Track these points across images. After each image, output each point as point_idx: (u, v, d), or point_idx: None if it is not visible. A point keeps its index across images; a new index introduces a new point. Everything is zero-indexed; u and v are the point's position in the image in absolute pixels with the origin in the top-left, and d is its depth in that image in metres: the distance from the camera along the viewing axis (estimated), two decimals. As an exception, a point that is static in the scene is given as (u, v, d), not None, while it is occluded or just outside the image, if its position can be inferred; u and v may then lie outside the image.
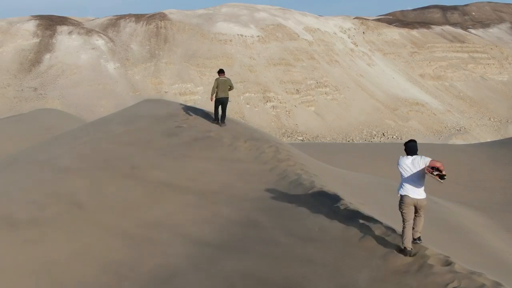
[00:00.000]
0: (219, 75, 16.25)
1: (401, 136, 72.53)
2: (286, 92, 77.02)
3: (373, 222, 8.90)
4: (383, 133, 73.68)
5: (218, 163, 13.46)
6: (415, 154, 8.34)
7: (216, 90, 16.08)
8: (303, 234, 9.25)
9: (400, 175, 8.33)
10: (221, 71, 16.39)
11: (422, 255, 7.76)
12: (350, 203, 9.85)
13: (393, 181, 13.06)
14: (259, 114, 72.78)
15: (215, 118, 16.42)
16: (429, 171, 8.06)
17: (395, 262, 7.76)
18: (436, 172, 7.98)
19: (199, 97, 72.74)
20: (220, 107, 16.19)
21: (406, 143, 8.47)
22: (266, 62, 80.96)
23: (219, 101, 16.13)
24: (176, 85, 76.00)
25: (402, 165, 8.29)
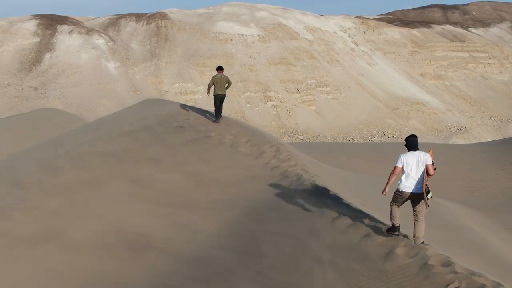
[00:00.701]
0: (218, 72, 16.38)
1: (402, 136, 72.51)
2: (287, 92, 77.03)
3: (375, 223, 8.94)
4: (384, 133, 73.68)
5: (219, 163, 13.50)
6: (417, 149, 8.24)
7: (214, 88, 16.27)
8: (304, 235, 9.28)
9: (402, 171, 8.18)
10: (220, 68, 16.51)
11: (423, 256, 7.78)
12: (351, 204, 9.89)
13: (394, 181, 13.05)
14: (260, 114, 72.79)
15: (216, 115, 16.58)
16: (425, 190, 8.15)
17: (397, 263, 7.80)
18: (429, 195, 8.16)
19: (200, 97, 72.72)
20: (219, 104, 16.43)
21: (408, 138, 8.36)
22: (267, 62, 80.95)
23: (217, 98, 16.34)
24: (177, 85, 75.99)
25: (407, 162, 8.13)
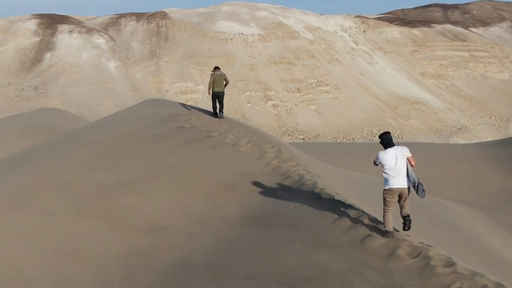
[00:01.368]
0: (215, 71, 17.06)
1: (402, 135, 72.53)
2: (287, 91, 77.00)
3: (376, 223, 8.96)
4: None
5: (220, 164, 13.51)
6: (392, 145, 8.54)
7: (213, 85, 16.83)
8: (306, 235, 9.29)
9: (383, 169, 8.53)
10: (217, 68, 17.22)
11: (425, 256, 7.80)
12: (353, 204, 9.90)
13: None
14: (260, 113, 72.78)
15: (214, 112, 17.20)
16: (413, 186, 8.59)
17: (399, 263, 7.81)
18: (423, 187, 8.58)
19: (200, 96, 72.70)
20: (217, 101, 17.05)
21: (382, 136, 8.68)
22: (267, 61, 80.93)
23: (216, 95, 16.97)
24: (177, 84, 75.97)
25: (386, 159, 8.48)
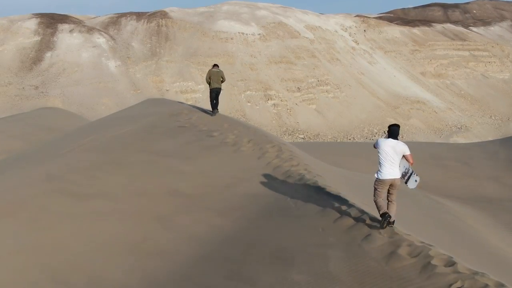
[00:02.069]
0: (213, 67, 17.19)
1: (403, 134, 72.49)
2: (287, 90, 76.99)
3: (377, 222, 8.97)
4: (384, 131, 73.44)
5: (221, 163, 13.52)
6: (396, 139, 8.74)
7: (210, 82, 16.96)
8: (307, 234, 9.30)
9: (378, 157, 8.73)
10: (215, 65, 17.35)
11: (426, 255, 7.79)
12: (354, 204, 9.91)
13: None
14: (260, 112, 72.77)
15: (212, 109, 17.36)
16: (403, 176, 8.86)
17: (399, 263, 7.82)
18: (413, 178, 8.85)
19: (200, 95, 72.68)
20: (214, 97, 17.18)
21: (391, 126, 8.84)
22: (267, 60, 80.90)
23: (213, 92, 17.08)
24: (177, 83, 75.96)
25: (384, 148, 8.66)
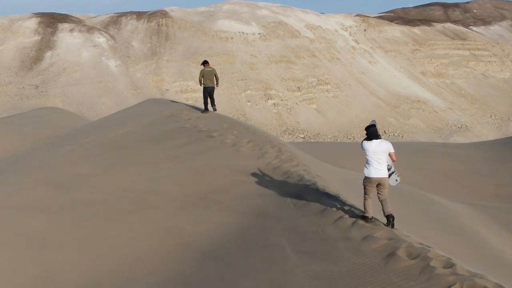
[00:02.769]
0: (204, 66, 17.10)
1: (403, 134, 72.53)
2: (287, 90, 76.98)
3: (377, 223, 8.97)
4: (385, 131, 73.64)
5: (221, 164, 13.52)
6: (378, 138, 8.79)
7: (203, 81, 17.01)
8: (307, 235, 9.31)
9: (366, 158, 8.85)
10: (206, 62, 17.28)
11: (425, 257, 7.77)
12: (353, 204, 9.92)
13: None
14: (260, 112, 72.76)
15: (205, 108, 17.50)
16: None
17: (398, 264, 7.81)
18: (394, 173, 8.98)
19: (201, 95, 72.53)
20: (208, 96, 17.30)
21: (368, 128, 8.90)
22: (267, 60, 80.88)
23: (207, 90, 17.15)
24: (177, 83, 75.95)
25: (368, 150, 8.77)
